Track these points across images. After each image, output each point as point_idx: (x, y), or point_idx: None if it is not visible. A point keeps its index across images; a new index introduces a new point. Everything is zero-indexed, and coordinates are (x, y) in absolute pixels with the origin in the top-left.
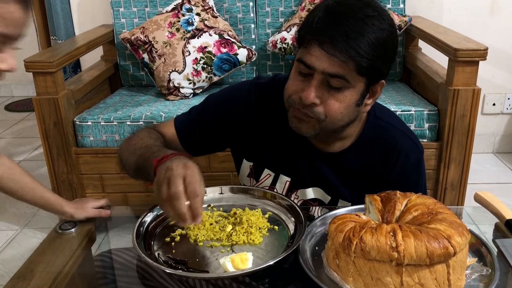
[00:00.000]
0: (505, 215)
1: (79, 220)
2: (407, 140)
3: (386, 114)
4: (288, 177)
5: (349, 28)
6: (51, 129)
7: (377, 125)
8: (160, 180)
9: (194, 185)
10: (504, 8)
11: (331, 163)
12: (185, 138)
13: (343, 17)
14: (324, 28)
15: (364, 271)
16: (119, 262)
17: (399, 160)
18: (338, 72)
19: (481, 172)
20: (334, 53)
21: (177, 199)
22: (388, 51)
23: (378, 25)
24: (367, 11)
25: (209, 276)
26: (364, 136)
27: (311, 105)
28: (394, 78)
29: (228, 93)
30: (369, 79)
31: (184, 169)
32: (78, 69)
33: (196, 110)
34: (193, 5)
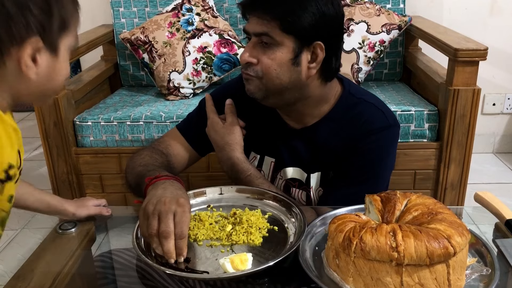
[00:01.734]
0: (505, 215)
1: (79, 220)
2: (375, 110)
3: (362, 92)
4: (272, 158)
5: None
6: (51, 129)
7: (349, 100)
8: (150, 211)
9: (182, 226)
10: (504, 8)
11: (304, 138)
12: (194, 139)
13: None
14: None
15: (364, 271)
16: (119, 263)
17: (364, 131)
18: (262, 30)
19: (481, 172)
20: (255, 14)
21: (166, 237)
22: (315, 13)
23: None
24: None
25: (209, 277)
26: (336, 109)
27: (249, 64)
28: (394, 78)
29: (220, 89)
30: (299, 38)
31: (176, 205)
32: (78, 69)
33: (194, 111)
34: (193, 5)
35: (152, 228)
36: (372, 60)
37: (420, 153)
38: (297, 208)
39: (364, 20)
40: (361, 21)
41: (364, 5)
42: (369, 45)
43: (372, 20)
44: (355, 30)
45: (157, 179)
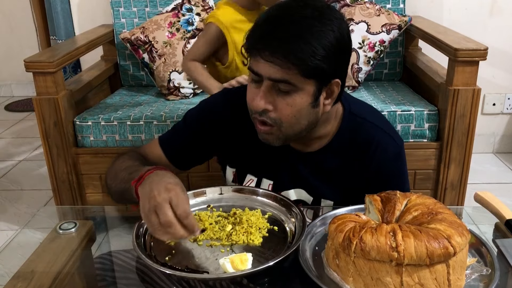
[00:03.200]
0: (505, 215)
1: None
2: (383, 134)
3: (362, 109)
4: (270, 180)
5: (286, 33)
6: (51, 129)
7: (353, 122)
8: (146, 210)
9: (182, 206)
10: (504, 8)
11: (310, 163)
12: (172, 154)
13: (280, 21)
14: (262, 36)
15: (364, 271)
16: (119, 264)
17: (376, 155)
18: (282, 77)
19: (481, 172)
20: (273, 60)
21: (170, 226)
22: (334, 52)
23: (318, 26)
24: (305, 13)
25: (209, 277)
26: (341, 134)
27: (264, 111)
28: (394, 78)
29: (205, 105)
30: (319, 80)
31: (166, 192)
32: (78, 69)
33: (178, 126)
34: (193, 5)
35: (154, 224)
36: (372, 60)
37: (420, 153)
38: (297, 208)
39: (364, 20)
40: (361, 21)
41: (364, 5)
42: (369, 45)
43: (372, 20)
44: (355, 30)
45: (142, 178)
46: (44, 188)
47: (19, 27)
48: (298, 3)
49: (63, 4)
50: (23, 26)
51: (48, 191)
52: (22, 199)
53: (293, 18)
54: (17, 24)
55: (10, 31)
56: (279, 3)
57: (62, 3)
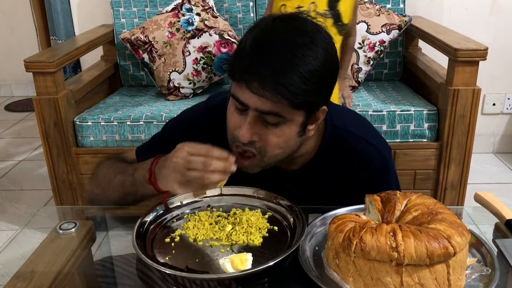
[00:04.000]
0: (505, 215)
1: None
2: (367, 146)
3: (344, 120)
4: None
5: (277, 63)
6: (51, 129)
7: (335, 135)
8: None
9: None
10: (504, 8)
11: (296, 180)
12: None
13: (270, 49)
14: (251, 66)
15: (364, 271)
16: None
17: (361, 168)
18: (271, 109)
19: (481, 172)
20: (262, 93)
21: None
22: (324, 80)
23: (309, 55)
24: (297, 40)
25: (209, 277)
26: (323, 149)
27: (249, 142)
28: (394, 78)
29: (185, 118)
30: (307, 110)
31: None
32: (78, 69)
33: (157, 138)
34: (193, 5)
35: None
36: (372, 60)
37: (420, 153)
38: (297, 208)
39: (364, 20)
40: (361, 21)
41: (364, 5)
42: (369, 45)
43: (372, 20)
44: None
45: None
46: (44, 188)
47: (19, 27)
48: (286, 27)
49: (63, 4)
50: (23, 26)
51: (48, 191)
52: (22, 199)
53: (284, 46)
54: (17, 24)
55: (10, 31)
56: (265, 28)
57: (62, 3)
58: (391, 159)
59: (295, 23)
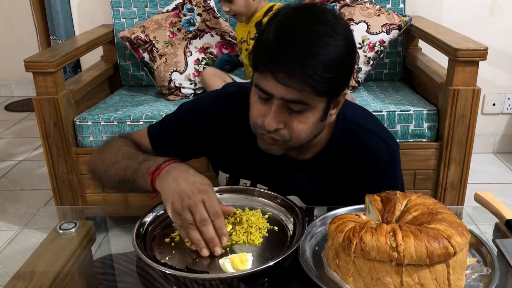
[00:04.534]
0: (505, 215)
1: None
2: (377, 139)
3: (356, 114)
4: (265, 186)
5: (301, 53)
6: (51, 129)
7: (346, 128)
8: (179, 208)
9: (215, 208)
10: (504, 8)
11: (304, 170)
12: (158, 147)
13: (293, 40)
14: (276, 56)
15: (364, 271)
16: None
17: (369, 161)
18: (296, 98)
19: (481, 172)
20: (289, 83)
21: (205, 225)
22: (345, 67)
23: (331, 43)
24: (318, 29)
25: (209, 277)
26: (334, 140)
27: (275, 130)
28: (394, 78)
29: (199, 103)
30: (330, 96)
31: (200, 194)
32: (78, 69)
33: (169, 119)
34: (194, 5)
35: (188, 220)
36: (372, 60)
37: (420, 153)
38: (297, 208)
39: (364, 20)
40: (361, 21)
41: (364, 5)
42: (369, 45)
43: (372, 20)
44: (355, 30)
45: (159, 170)
46: (44, 188)
47: (19, 27)
48: (307, 18)
49: (63, 4)
50: (23, 26)
51: (48, 191)
52: (22, 199)
53: (308, 36)
54: (17, 24)
55: (10, 31)
56: (285, 18)
57: (62, 3)
58: (399, 155)
59: (315, 13)
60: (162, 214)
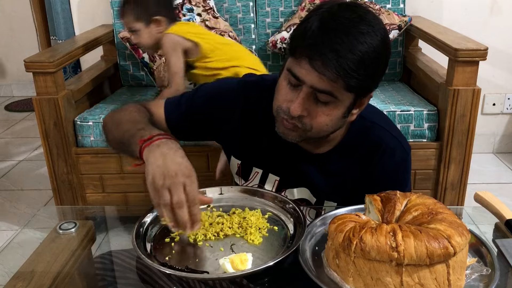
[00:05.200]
0: (505, 215)
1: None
2: (392, 139)
3: (372, 113)
4: (277, 176)
5: (340, 46)
6: (51, 129)
7: (362, 126)
8: (160, 185)
9: (194, 193)
10: (504, 8)
11: (318, 164)
12: (173, 123)
13: (336, 33)
14: (316, 44)
15: (364, 271)
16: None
17: (383, 158)
18: (326, 88)
19: (481, 172)
20: (324, 71)
21: (180, 207)
22: (379, 68)
23: (370, 43)
24: (360, 27)
25: (209, 277)
26: (349, 137)
27: (299, 116)
28: (394, 78)
29: (219, 87)
30: (358, 94)
31: (184, 176)
32: (78, 69)
33: (187, 97)
34: (194, 5)
35: (165, 200)
36: None
37: (420, 153)
38: (297, 208)
39: None
40: None
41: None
42: None
43: None
44: None
45: (151, 141)
46: (44, 188)
47: (19, 27)
48: (351, 14)
49: (63, 4)
50: (23, 26)
51: (48, 191)
52: (22, 199)
53: (348, 31)
54: (17, 24)
55: (10, 31)
56: (330, 10)
57: (62, 3)
58: (410, 157)
59: (358, 11)
60: None
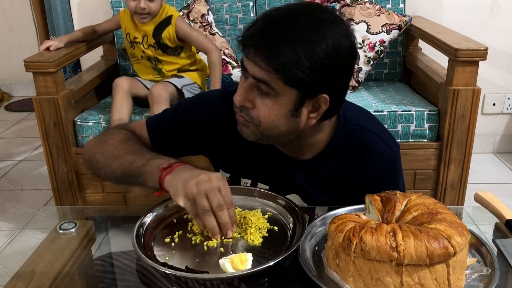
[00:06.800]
0: (505, 215)
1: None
2: (379, 141)
3: (357, 115)
4: (266, 185)
5: (276, 36)
6: (51, 129)
7: (347, 129)
8: (194, 193)
9: (230, 196)
10: (504, 8)
11: (305, 170)
12: (157, 141)
13: (274, 23)
14: (253, 33)
15: (364, 271)
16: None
17: (370, 162)
18: (262, 77)
19: (481, 172)
20: (256, 60)
21: (221, 210)
22: (327, 68)
23: (311, 37)
24: (303, 20)
25: (209, 277)
26: (335, 141)
27: (245, 108)
28: (394, 78)
29: (200, 100)
30: (301, 91)
31: (217, 180)
32: (78, 69)
33: (169, 113)
34: (191, 21)
35: (205, 206)
36: (372, 60)
37: (420, 153)
38: (297, 208)
39: (364, 20)
40: (361, 21)
41: (364, 5)
42: (369, 45)
43: (372, 20)
44: (355, 30)
45: (171, 168)
46: (44, 188)
47: (19, 27)
48: (302, 8)
49: (63, 4)
50: (23, 26)
51: (48, 191)
52: (22, 199)
53: (288, 22)
54: (17, 24)
55: (10, 31)
56: (285, 7)
57: (62, 3)
58: (399, 156)
59: (317, 9)
60: (162, 214)
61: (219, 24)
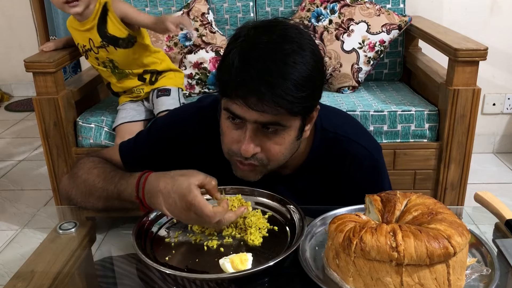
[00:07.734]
0: (505, 215)
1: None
2: (358, 148)
3: (333, 122)
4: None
5: (270, 76)
6: (51, 129)
7: (325, 139)
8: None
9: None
10: (504, 8)
11: (288, 184)
12: (129, 162)
13: (260, 62)
14: (244, 81)
15: (364, 271)
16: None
17: (351, 170)
18: (270, 120)
19: (481, 172)
20: (262, 107)
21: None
22: (317, 83)
23: (300, 61)
24: (284, 48)
25: (209, 277)
26: (314, 152)
27: (252, 155)
28: (394, 78)
29: (175, 116)
30: (304, 114)
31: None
32: (78, 69)
33: (142, 135)
34: (192, 19)
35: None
36: (372, 60)
37: (420, 153)
38: (297, 208)
39: (364, 20)
40: (361, 21)
41: (364, 5)
42: (369, 45)
43: (372, 20)
44: (355, 30)
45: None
46: (44, 188)
47: (19, 27)
48: (270, 36)
49: None
50: (23, 26)
51: (48, 191)
52: (22, 199)
53: (275, 57)
54: (17, 24)
55: (10, 31)
56: (247, 38)
57: None
58: (381, 158)
59: (277, 30)
60: (162, 214)
61: (219, 24)
